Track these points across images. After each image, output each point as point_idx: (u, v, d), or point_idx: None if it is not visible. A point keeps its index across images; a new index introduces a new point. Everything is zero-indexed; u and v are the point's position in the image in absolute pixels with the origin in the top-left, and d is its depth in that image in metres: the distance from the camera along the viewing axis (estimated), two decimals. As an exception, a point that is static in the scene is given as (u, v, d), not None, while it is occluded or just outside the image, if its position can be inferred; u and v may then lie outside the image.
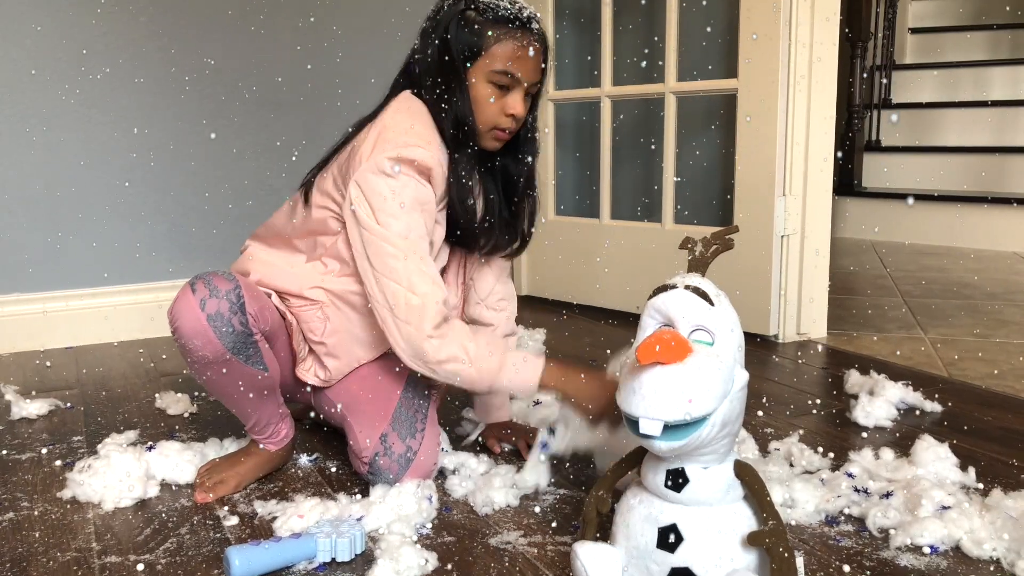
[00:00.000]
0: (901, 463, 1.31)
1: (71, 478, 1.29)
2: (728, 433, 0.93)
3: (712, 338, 0.92)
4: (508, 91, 1.24)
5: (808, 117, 2.06)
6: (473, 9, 1.22)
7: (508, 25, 1.22)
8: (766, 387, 1.78)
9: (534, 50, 1.23)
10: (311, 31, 2.39)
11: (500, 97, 1.24)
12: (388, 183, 1.18)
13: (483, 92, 1.23)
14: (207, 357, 1.17)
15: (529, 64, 1.23)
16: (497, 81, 1.23)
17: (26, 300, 2.19)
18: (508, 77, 1.22)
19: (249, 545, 1.06)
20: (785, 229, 2.09)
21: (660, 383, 0.88)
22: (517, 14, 1.23)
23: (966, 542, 1.08)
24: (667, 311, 0.94)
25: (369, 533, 1.14)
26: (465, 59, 1.22)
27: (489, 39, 1.21)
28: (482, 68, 1.22)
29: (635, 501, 0.98)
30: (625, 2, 2.43)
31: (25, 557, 1.11)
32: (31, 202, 2.17)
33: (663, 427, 0.88)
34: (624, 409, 0.91)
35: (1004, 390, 1.74)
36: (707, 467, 0.94)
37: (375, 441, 1.25)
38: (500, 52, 1.22)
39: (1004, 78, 4.14)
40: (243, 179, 2.36)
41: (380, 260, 1.18)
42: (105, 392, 1.82)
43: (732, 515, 0.94)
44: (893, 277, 3.01)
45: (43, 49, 2.13)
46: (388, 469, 1.24)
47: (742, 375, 0.94)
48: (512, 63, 1.22)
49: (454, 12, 1.23)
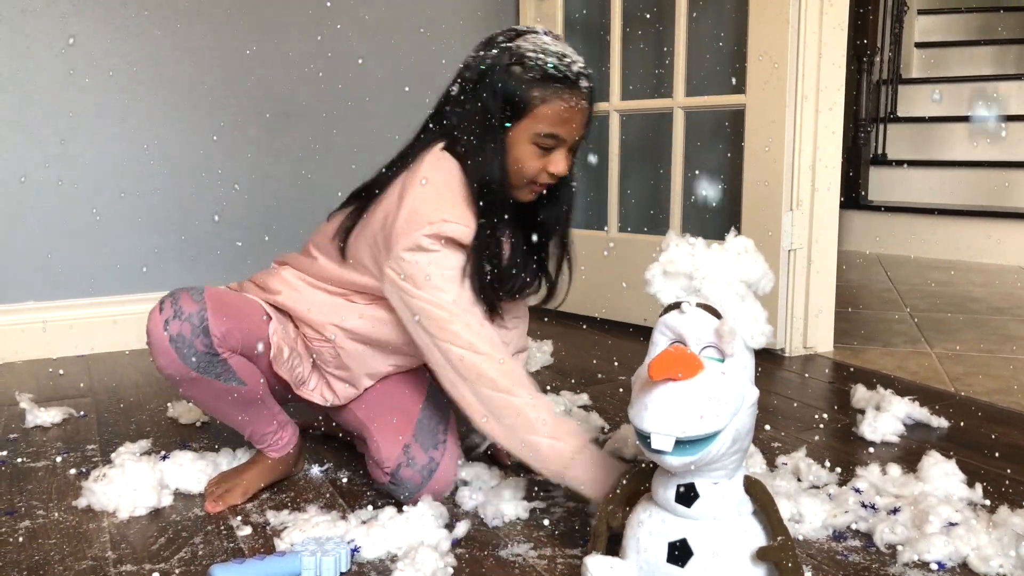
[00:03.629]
0: (908, 479, 1.31)
1: (86, 487, 1.30)
2: (739, 449, 0.94)
3: (722, 356, 0.93)
4: (551, 151, 1.17)
5: (815, 132, 2.07)
6: (519, 64, 1.13)
7: (557, 84, 1.13)
8: (773, 401, 1.79)
9: (583, 108, 1.15)
10: (322, 43, 2.41)
11: (542, 157, 1.17)
12: (428, 258, 1.15)
13: (525, 152, 1.16)
14: (174, 376, 1.18)
15: (577, 123, 1.16)
16: (541, 144, 1.15)
17: (39, 308, 2.21)
18: (553, 139, 1.15)
19: (233, 563, 1.07)
20: (792, 243, 2.10)
21: (672, 399, 0.89)
22: (567, 71, 1.13)
23: (973, 559, 1.09)
24: (678, 328, 0.95)
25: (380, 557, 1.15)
26: (507, 119, 1.14)
27: (535, 100, 1.13)
28: (525, 129, 1.15)
29: (645, 515, 0.99)
30: (634, 17, 2.45)
31: (41, 565, 1.12)
32: (44, 212, 2.19)
33: (675, 442, 0.89)
34: (636, 424, 0.93)
35: (1011, 406, 1.75)
36: (717, 482, 0.95)
37: (398, 451, 1.25)
38: (547, 114, 1.13)
39: (1011, 92, 4.16)
40: (253, 189, 2.38)
41: (438, 328, 1.15)
42: (118, 401, 1.84)
43: (741, 530, 0.95)
44: (899, 291, 3.02)
45: (56, 61, 2.16)
46: (411, 479, 1.25)
47: (753, 392, 0.95)
48: (559, 126, 1.14)
49: (498, 66, 1.14)
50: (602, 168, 2.52)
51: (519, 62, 1.13)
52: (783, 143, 2.05)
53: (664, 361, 0.89)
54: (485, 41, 1.21)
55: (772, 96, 2.06)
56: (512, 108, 1.14)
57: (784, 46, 2.02)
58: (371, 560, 1.12)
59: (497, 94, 1.13)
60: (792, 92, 2.04)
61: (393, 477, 1.25)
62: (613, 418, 1.66)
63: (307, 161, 2.42)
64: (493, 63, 1.15)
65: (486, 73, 1.15)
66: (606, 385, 1.91)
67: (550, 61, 1.13)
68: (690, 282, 0.99)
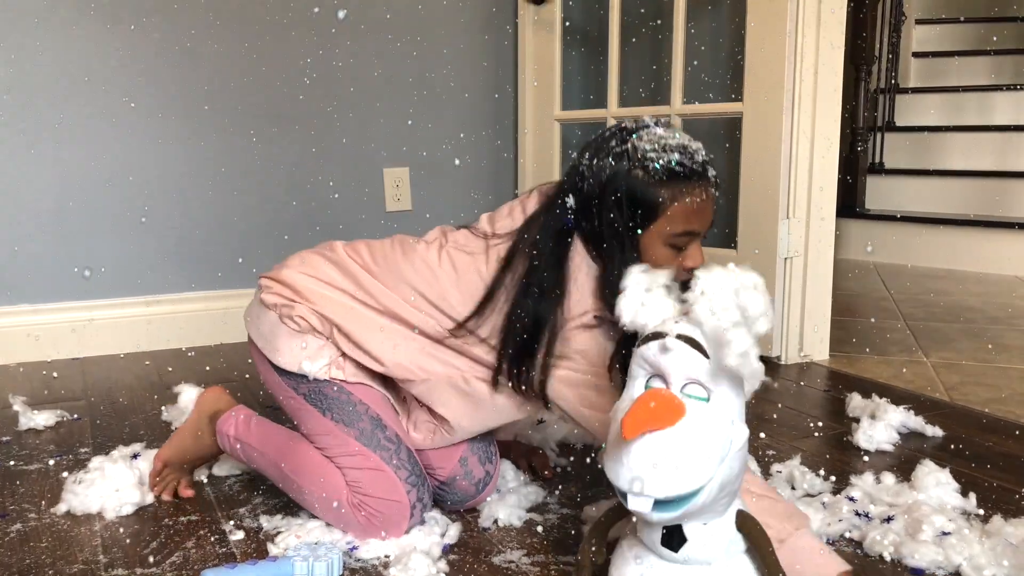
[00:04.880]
0: (902, 488, 1.31)
1: (66, 490, 1.30)
2: (728, 493, 0.86)
3: (707, 393, 0.84)
4: (686, 248, 1.12)
5: (812, 140, 2.08)
6: (641, 168, 1.07)
7: (685, 181, 1.08)
8: (768, 409, 1.79)
9: (711, 197, 1.10)
10: (322, 46, 2.41)
11: (678, 254, 1.11)
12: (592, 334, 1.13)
13: (661, 255, 1.10)
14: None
15: (707, 212, 1.11)
16: (676, 243, 1.10)
17: (33, 311, 2.21)
18: (688, 236, 1.10)
19: (225, 568, 1.07)
20: (788, 251, 2.10)
21: (648, 454, 0.81)
22: (692, 165, 1.08)
23: (966, 568, 1.09)
24: (657, 363, 0.86)
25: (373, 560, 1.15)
26: (639, 225, 1.09)
27: (665, 202, 1.07)
28: (659, 232, 1.09)
29: (631, 555, 0.92)
30: (632, 24, 2.46)
31: (32, 568, 1.12)
32: (39, 214, 2.19)
33: (654, 503, 0.81)
34: (612, 480, 0.84)
35: (1005, 415, 1.75)
36: (707, 523, 0.88)
37: (454, 463, 1.25)
38: (679, 213, 1.08)
39: (1007, 103, 4.17)
40: (250, 193, 2.38)
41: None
42: (112, 404, 1.83)
43: (735, 572, 0.89)
44: (895, 300, 3.02)
45: (55, 65, 2.16)
46: (465, 491, 1.26)
47: (742, 433, 0.86)
48: (692, 221, 1.09)
49: (620, 172, 1.08)
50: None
51: (642, 166, 1.08)
52: (780, 151, 2.06)
53: (639, 414, 0.80)
54: (596, 142, 1.15)
55: (769, 104, 2.06)
56: (644, 213, 1.08)
57: (781, 54, 2.02)
58: (364, 565, 1.12)
59: (625, 202, 1.08)
60: (789, 100, 2.04)
61: (447, 485, 1.25)
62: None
63: (304, 164, 2.42)
64: (615, 172, 1.09)
65: (610, 183, 1.09)
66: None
67: (673, 158, 1.08)
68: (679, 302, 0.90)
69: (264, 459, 1.26)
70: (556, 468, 1.45)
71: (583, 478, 1.42)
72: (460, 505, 1.28)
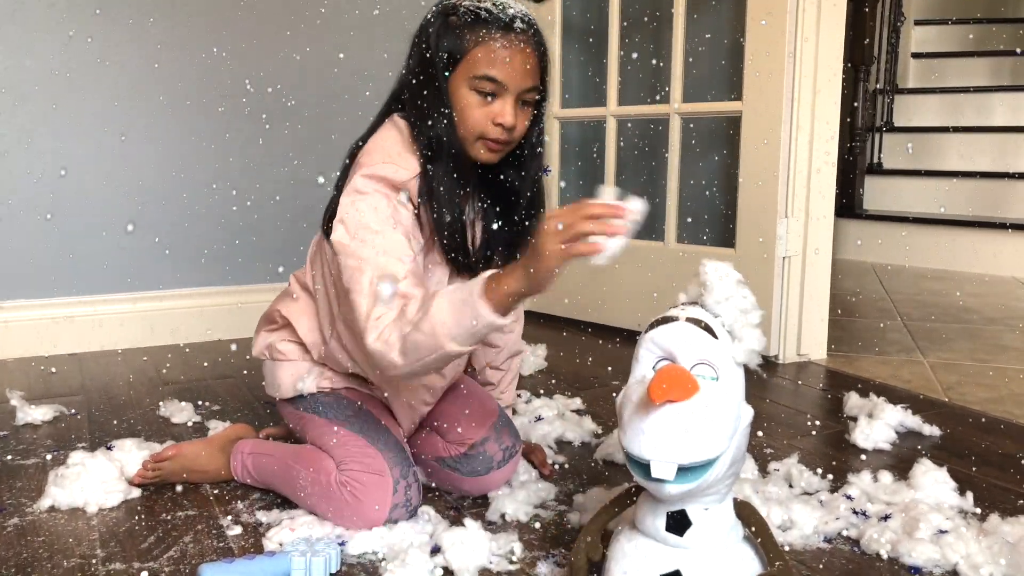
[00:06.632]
0: (900, 486, 1.31)
1: (49, 485, 1.30)
2: (734, 472, 0.90)
3: (716, 373, 0.88)
4: (495, 98, 1.13)
5: (811, 140, 2.08)
6: (453, 14, 1.13)
7: (488, 26, 1.12)
8: (766, 407, 1.79)
9: (520, 52, 1.12)
10: (322, 44, 2.41)
11: (486, 105, 1.13)
12: (363, 200, 1.12)
13: (466, 101, 1.13)
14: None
15: (515, 67, 1.12)
16: (480, 88, 1.12)
17: (31, 306, 2.20)
18: (492, 83, 1.12)
19: (222, 562, 1.07)
20: (787, 251, 2.10)
21: (671, 423, 0.83)
22: (499, 14, 1.12)
23: (963, 566, 1.09)
24: (667, 345, 0.89)
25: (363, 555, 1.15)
26: (444, 68, 1.13)
27: (468, 43, 1.12)
28: (463, 75, 1.13)
29: (630, 546, 0.93)
30: (632, 22, 2.46)
31: (29, 563, 1.12)
32: (37, 209, 2.18)
33: (676, 470, 0.84)
34: (631, 451, 0.86)
35: (1003, 415, 1.75)
36: (708, 508, 0.90)
37: (486, 428, 1.30)
38: (480, 56, 1.11)
39: (1005, 104, 4.18)
40: (246, 189, 2.38)
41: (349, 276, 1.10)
42: (109, 399, 1.83)
43: (736, 557, 0.91)
44: (893, 300, 3.02)
45: (53, 59, 2.16)
46: (494, 455, 1.29)
47: (748, 411, 0.90)
48: (494, 67, 1.12)
49: (435, 19, 1.15)
50: (598, 173, 2.52)
51: (453, 12, 1.14)
52: (779, 151, 2.06)
53: (663, 381, 0.83)
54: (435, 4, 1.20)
55: (768, 103, 2.06)
56: (448, 56, 1.13)
57: (781, 54, 2.02)
58: (360, 560, 1.12)
59: (435, 47, 1.13)
60: (788, 100, 2.04)
61: (474, 448, 1.29)
62: (607, 422, 1.66)
63: (300, 160, 2.42)
64: (430, 19, 1.16)
65: (424, 29, 1.16)
66: (599, 390, 1.90)
67: (483, 7, 1.13)
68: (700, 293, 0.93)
69: (272, 459, 1.32)
70: (554, 465, 1.45)
71: (580, 475, 1.42)
72: (481, 477, 1.29)
